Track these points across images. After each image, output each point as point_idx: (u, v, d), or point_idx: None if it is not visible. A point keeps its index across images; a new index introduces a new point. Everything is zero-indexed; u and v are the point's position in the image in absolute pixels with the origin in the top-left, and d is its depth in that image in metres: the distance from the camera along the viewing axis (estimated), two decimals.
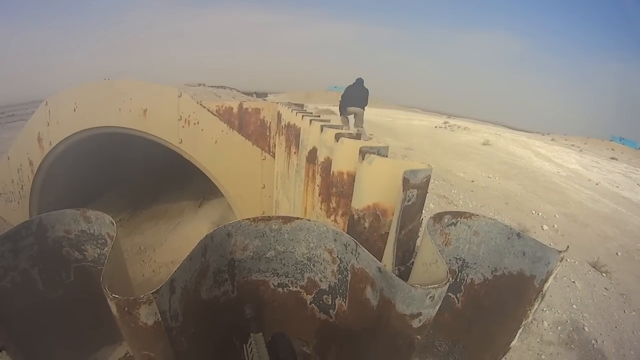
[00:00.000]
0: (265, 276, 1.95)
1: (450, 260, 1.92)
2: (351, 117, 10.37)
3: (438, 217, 1.90)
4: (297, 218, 1.86)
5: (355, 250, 1.68)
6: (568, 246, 1.65)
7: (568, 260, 6.02)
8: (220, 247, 1.76)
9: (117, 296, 1.25)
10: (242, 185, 7.16)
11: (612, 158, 25.97)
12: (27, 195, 7.28)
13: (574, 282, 5.05)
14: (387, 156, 3.74)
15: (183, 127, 7.11)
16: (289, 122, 5.95)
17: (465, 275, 1.97)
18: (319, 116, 6.48)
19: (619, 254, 7.89)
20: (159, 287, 1.30)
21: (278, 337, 1.15)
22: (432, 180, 8.12)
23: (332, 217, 3.35)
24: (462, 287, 1.98)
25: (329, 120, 5.66)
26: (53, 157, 7.16)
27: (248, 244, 1.83)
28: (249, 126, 8.63)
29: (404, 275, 1.90)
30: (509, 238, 1.82)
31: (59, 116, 7.02)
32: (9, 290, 2.58)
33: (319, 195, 4.04)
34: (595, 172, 17.82)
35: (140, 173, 9.48)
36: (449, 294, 1.97)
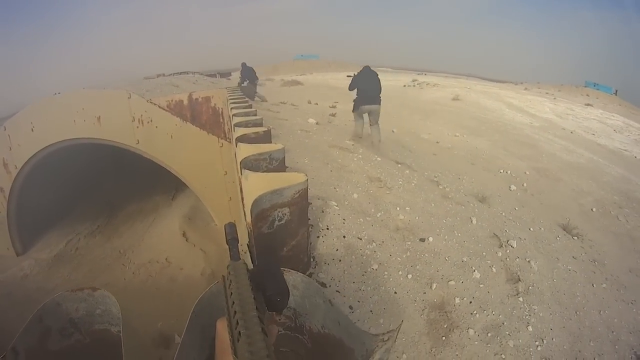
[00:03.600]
0: (105, 326, 2.22)
1: None
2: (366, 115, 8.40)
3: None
4: (99, 289, 2.08)
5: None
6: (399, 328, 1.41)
7: (531, 229, 5.60)
8: (56, 313, 2.05)
9: None
10: (204, 175, 7.11)
11: (587, 104, 24.70)
12: (5, 221, 7.49)
13: (529, 261, 4.31)
14: (282, 158, 3.48)
15: (138, 127, 7.13)
16: (229, 112, 6.10)
17: (303, 321, 1.91)
18: (251, 106, 6.36)
19: (594, 209, 7.29)
20: (4, 354, 1.73)
21: (265, 268, 0.88)
22: (390, 149, 7.70)
23: (246, 220, 3.07)
24: (305, 331, 1.91)
25: (255, 112, 5.33)
26: (21, 179, 7.35)
27: (77, 306, 2.12)
28: (202, 116, 8.62)
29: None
30: (324, 301, 1.78)
31: (19, 139, 7.13)
32: None
33: (240, 193, 3.72)
34: (570, 120, 17.01)
35: (112, 176, 9.50)
36: (297, 335, 1.95)
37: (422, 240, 3.85)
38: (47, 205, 8.33)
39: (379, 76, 7.90)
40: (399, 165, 6.27)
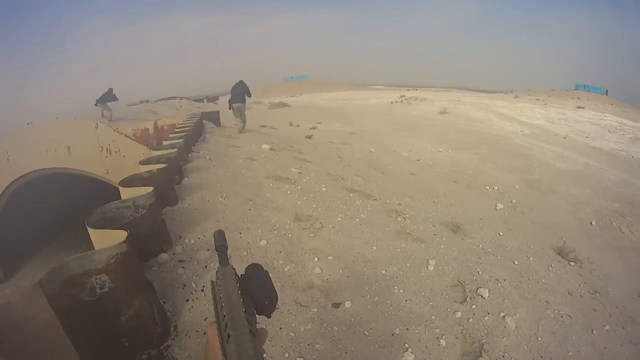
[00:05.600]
0: None
1: None
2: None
3: None
4: None
5: None
6: None
7: (516, 262, 4.39)
8: None
9: None
10: None
11: (579, 107, 23.50)
12: None
13: (504, 317, 3.21)
14: (151, 204, 3.09)
15: (106, 157, 7.13)
16: None
17: None
18: (188, 130, 6.44)
19: (594, 222, 6.16)
20: None
21: (253, 273, 0.75)
22: (354, 177, 6.58)
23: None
24: None
25: (178, 144, 4.96)
26: (1, 207, 7.33)
27: None
28: None
29: None
30: None
31: None
32: None
33: None
34: (562, 125, 15.89)
35: (95, 203, 9.46)
36: None
37: (336, 305, 2.73)
38: (30, 233, 8.36)
39: (247, 85, 10.56)
40: (352, 194, 5.16)
